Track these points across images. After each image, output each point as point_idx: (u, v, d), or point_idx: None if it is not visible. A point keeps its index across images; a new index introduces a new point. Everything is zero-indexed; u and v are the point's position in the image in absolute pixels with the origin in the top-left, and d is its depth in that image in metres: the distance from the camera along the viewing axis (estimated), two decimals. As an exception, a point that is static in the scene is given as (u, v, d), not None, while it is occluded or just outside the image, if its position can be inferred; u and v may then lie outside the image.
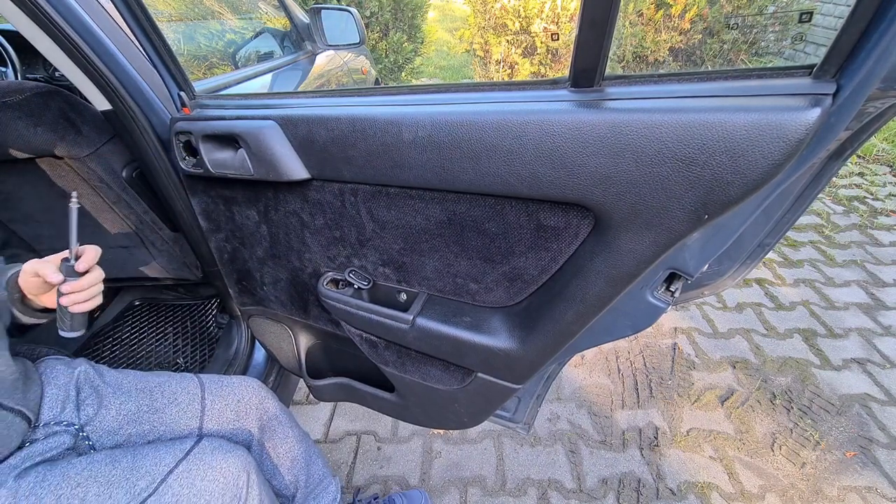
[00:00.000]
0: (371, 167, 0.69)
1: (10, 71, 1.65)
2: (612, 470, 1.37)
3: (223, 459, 0.71)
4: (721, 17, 4.05)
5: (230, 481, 0.69)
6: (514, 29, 4.33)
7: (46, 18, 0.72)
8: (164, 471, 0.67)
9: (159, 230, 1.19)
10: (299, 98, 0.79)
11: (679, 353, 1.78)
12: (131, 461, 0.67)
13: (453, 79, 6.07)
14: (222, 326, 1.39)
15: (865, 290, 2.07)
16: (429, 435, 1.49)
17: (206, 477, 0.68)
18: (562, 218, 0.62)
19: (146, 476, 0.66)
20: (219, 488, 0.68)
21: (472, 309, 0.82)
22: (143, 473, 0.66)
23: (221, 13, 1.82)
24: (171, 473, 0.67)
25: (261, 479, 0.76)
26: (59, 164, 1.03)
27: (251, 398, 0.90)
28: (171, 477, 0.66)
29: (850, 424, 1.48)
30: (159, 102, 0.88)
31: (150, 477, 0.66)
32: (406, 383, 0.99)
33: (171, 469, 0.67)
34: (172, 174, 0.95)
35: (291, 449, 0.94)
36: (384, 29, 4.62)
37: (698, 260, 0.60)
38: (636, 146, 0.49)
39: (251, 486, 0.72)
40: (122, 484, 0.64)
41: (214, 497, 0.67)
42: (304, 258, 0.93)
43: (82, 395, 0.75)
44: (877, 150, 3.41)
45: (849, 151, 0.57)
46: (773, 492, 1.30)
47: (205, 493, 0.67)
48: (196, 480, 0.67)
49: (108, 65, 0.81)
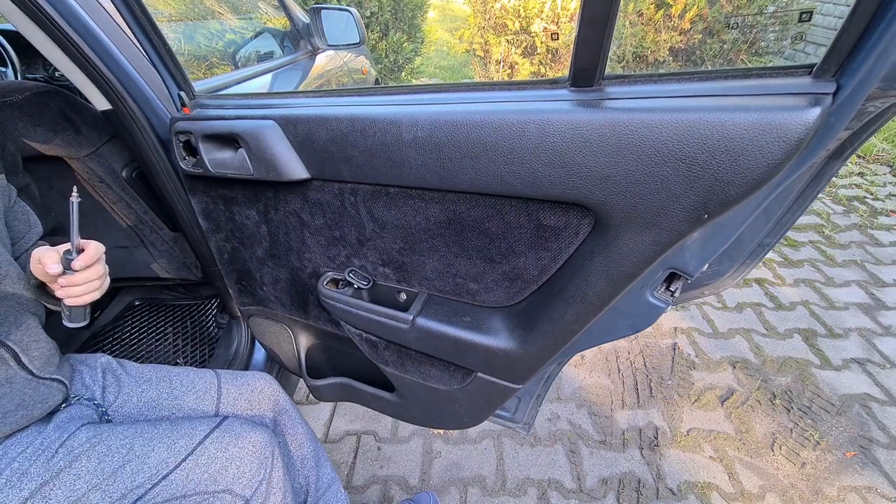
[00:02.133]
0: (371, 167, 0.69)
1: (10, 71, 1.65)
2: (612, 470, 1.37)
3: (252, 432, 0.77)
4: (721, 17, 4.05)
5: (258, 450, 0.76)
6: (514, 29, 4.33)
7: (46, 18, 0.72)
8: (200, 435, 0.73)
9: (159, 230, 1.19)
10: (299, 98, 0.79)
11: (679, 353, 1.78)
12: (170, 425, 0.74)
13: (453, 79, 6.07)
14: (222, 326, 1.39)
15: (865, 290, 2.07)
16: (429, 435, 1.49)
17: (237, 444, 0.74)
18: (562, 218, 0.62)
19: (185, 437, 0.72)
20: (248, 455, 0.74)
21: (472, 309, 0.82)
22: (182, 434, 0.72)
23: (221, 13, 1.82)
24: (207, 437, 0.73)
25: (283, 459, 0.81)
26: (59, 163, 1.03)
27: (264, 389, 0.93)
28: (207, 440, 0.73)
29: (850, 424, 1.48)
30: (159, 102, 0.88)
31: (188, 438, 0.72)
32: (406, 383, 0.99)
33: (207, 434, 0.74)
34: (172, 174, 0.95)
35: (302, 446, 0.95)
36: (384, 29, 4.62)
37: (698, 260, 0.60)
38: (636, 146, 0.49)
39: (276, 460, 0.78)
40: (164, 440, 0.71)
41: (244, 462, 0.73)
42: (304, 258, 0.93)
43: (106, 380, 0.80)
44: (877, 150, 3.41)
45: (849, 151, 0.57)
46: (773, 492, 1.30)
47: (236, 458, 0.73)
48: (228, 447, 0.73)
49: (108, 65, 0.81)
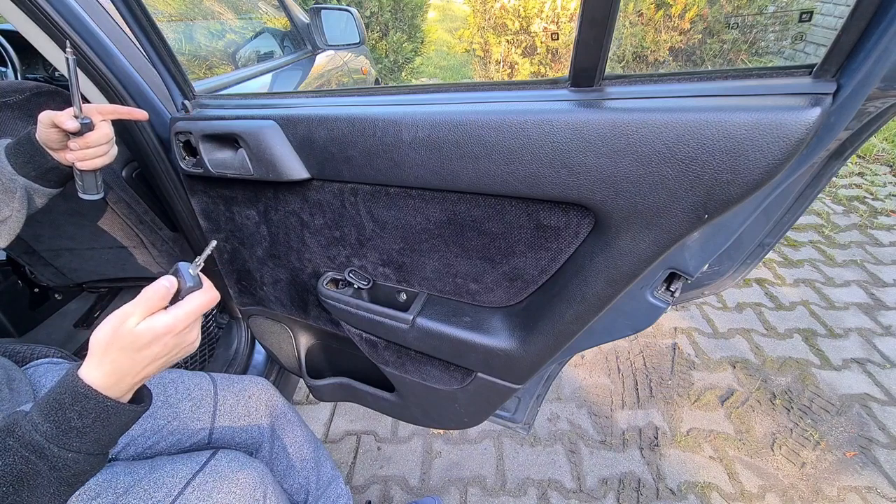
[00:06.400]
0: (371, 167, 0.69)
1: (10, 71, 1.65)
2: (612, 470, 1.37)
3: (240, 471, 0.71)
4: (721, 17, 4.05)
5: (247, 494, 0.69)
6: (514, 29, 4.33)
7: (46, 18, 0.72)
8: (181, 482, 0.66)
9: (159, 230, 1.19)
10: (299, 98, 0.79)
11: (679, 353, 1.78)
12: (148, 471, 0.67)
13: (453, 79, 6.07)
14: (222, 326, 1.39)
15: (865, 290, 2.07)
16: (429, 435, 1.49)
17: (222, 489, 0.67)
18: (562, 218, 0.62)
19: (163, 487, 0.65)
20: (236, 500, 0.67)
21: (471, 309, 0.81)
22: (161, 485, 0.65)
23: (221, 13, 1.82)
24: (188, 485, 0.66)
25: (277, 491, 0.75)
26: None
27: (261, 395, 0.91)
28: (187, 489, 0.66)
29: (850, 424, 1.48)
30: (159, 102, 0.88)
31: (166, 489, 0.65)
32: (406, 383, 0.99)
33: (189, 480, 0.67)
34: (172, 174, 0.95)
35: (301, 449, 0.94)
36: (384, 29, 4.62)
37: (698, 260, 0.60)
38: (636, 146, 0.49)
39: (268, 498, 0.72)
40: (139, 494, 0.63)
41: None
42: (304, 258, 0.93)
43: None
44: (877, 150, 3.41)
45: (849, 151, 0.57)
46: (773, 492, 1.30)
47: None
48: (213, 493, 0.66)
49: (108, 65, 0.81)
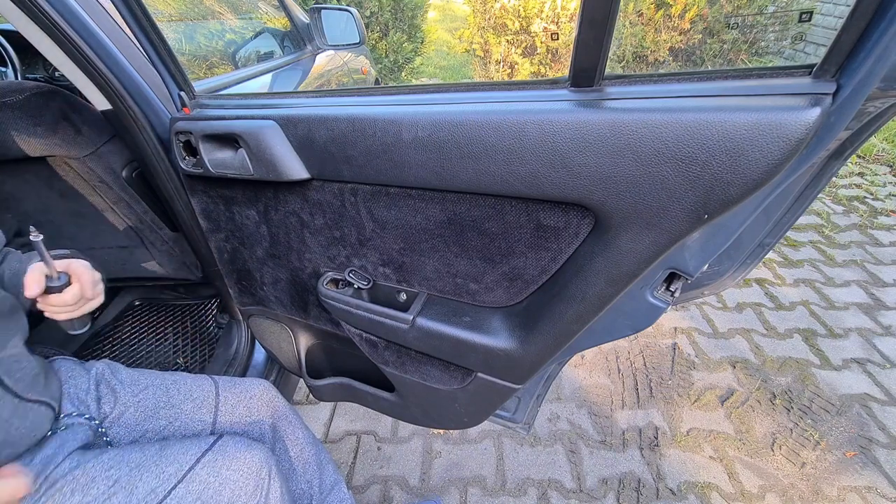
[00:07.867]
0: (371, 167, 0.69)
1: (10, 71, 1.65)
2: (612, 470, 1.37)
3: (246, 452, 0.74)
4: (721, 17, 4.05)
5: (253, 472, 0.72)
6: (514, 29, 4.33)
7: (46, 18, 0.72)
8: (191, 459, 0.70)
9: (159, 230, 1.19)
10: (299, 98, 0.79)
11: (679, 353, 1.78)
12: (159, 450, 0.70)
13: (453, 79, 6.07)
14: (222, 326, 1.39)
15: (865, 290, 2.07)
16: (429, 435, 1.49)
17: (230, 467, 0.70)
18: (562, 218, 0.62)
19: (174, 463, 0.68)
20: (242, 478, 0.70)
21: (471, 309, 0.81)
22: (172, 461, 0.69)
23: (221, 13, 1.82)
24: (198, 462, 0.70)
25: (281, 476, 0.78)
26: (59, 164, 1.03)
27: (263, 396, 0.92)
28: (198, 465, 0.69)
29: (850, 424, 1.48)
30: (159, 102, 0.88)
31: (177, 464, 0.68)
32: (406, 383, 0.99)
33: (198, 458, 0.70)
34: (172, 174, 0.95)
35: (303, 451, 0.94)
36: (384, 29, 4.62)
37: (698, 260, 0.60)
38: (636, 146, 0.49)
39: (273, 479, 0.75)
40: (152, 468, 0.67)
41: (238, 486, 0.70)
42: (304, 258, 0.93)
43: (101, 391, 0.77)
44: (877, 150, 3.41)
45: (849, 151, 0.57)
46: (773, 492, 1.30)
47: (229, 481, 0.69)
48: (221, 469, 0.70)
49: (108, 65, 0.81)
